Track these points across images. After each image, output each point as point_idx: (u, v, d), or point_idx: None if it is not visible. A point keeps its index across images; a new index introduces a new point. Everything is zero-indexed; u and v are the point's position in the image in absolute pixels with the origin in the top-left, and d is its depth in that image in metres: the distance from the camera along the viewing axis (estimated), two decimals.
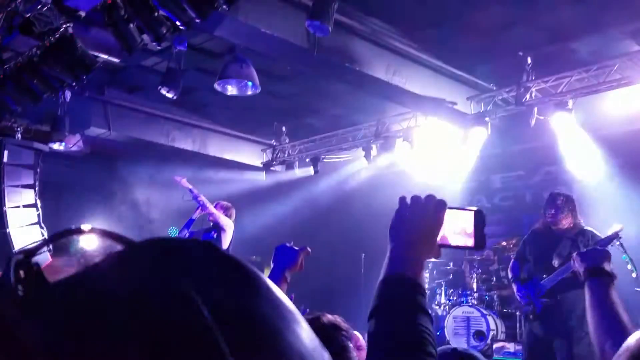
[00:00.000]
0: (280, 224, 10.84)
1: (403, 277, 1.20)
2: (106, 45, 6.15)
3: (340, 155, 10.55)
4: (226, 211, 7.41)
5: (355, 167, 10.66)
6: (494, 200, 9.32)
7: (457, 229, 1.36)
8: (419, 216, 1.31)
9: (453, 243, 1.36)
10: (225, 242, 7.32)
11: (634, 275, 5.20)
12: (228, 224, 7.32)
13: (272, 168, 11.23)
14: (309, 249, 2.23)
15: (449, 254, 8.12)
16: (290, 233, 10.81)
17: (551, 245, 5.31)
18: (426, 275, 8.40)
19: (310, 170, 10.48)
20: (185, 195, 8.11)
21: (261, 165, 11.29)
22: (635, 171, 7.40)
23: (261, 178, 11.36)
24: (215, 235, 7.33)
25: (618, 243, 5.20)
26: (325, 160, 10.55)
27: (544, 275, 5.26)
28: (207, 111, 10.15)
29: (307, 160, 10.54)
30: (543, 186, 8.76)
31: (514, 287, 5.56)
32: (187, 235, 7.64)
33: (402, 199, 1.36)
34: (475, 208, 1.38)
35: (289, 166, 10.96)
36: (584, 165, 7.91)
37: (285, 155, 10.96)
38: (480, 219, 1.36)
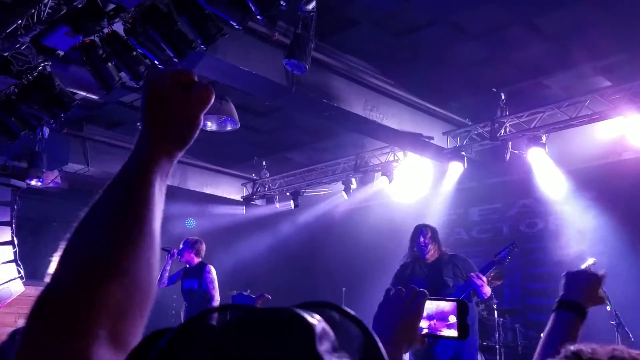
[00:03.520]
0: (261, 258, 10.80)
1: None
2: (84, 82, 6.18)
3: (320, 189, 10.60)
4: (193, 246, 7.00)
5: (335, 200, 10.71)
6: (472, 233, 9.39)
7: (441, 318, 1.42)
8: (398, 309, 1.37)
9: (438, 332, 1.42)
10: (216, 295, 6.85)
11: (608, 308, 5.27)
12: (215, 288, 6.91)
13: (252, 202, 11.23)
14: (267, 295, 2.20)
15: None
16: (271, 267, 10.79)
17: (433, 270, 5.47)
18: None
19: (290, 204, 10.51)
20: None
21: (241, 200, 11.29)
22: (608, 204, 7.53)
23: (241, 212, 11.35)
24: (196, 286, 6.86)
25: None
26: (305, 194, 10.59)
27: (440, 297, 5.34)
28: None
29: (288, 194, 10.57)
30: (519, 219, 8.87)
31: None
32: (166, 282, 7.28)
33: (387, 291, 1.43)
34: (457, 300, 1.45)
35: (269, 200, 10.97)
36: (560, 198, 8.04)
37: (266, 189, 10.98)
38: (462, 310, 1.43)
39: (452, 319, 1.43)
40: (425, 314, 1.39)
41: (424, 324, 1.39)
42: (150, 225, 0.77)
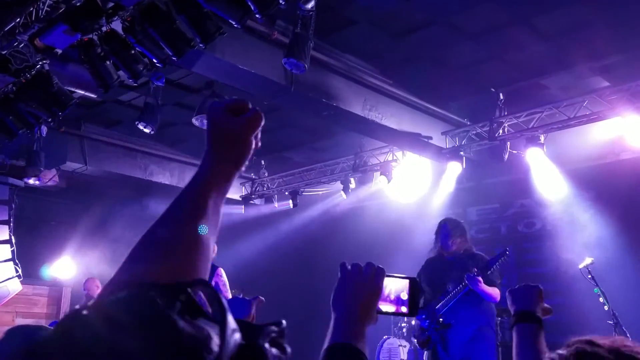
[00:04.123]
0: (259, 258, 10.80)
1: (346, 346, 1.27)
2: (83, 81, 6.17)
3: (319, 188, 10.60)
4: None
5: (333, 200, 10.70)
6: (470, 233, 9.37)
7: (393, 295, 1.42)
8: (359, 285, 1.37)
9: (389, 309, 1.43)
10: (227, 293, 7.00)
11: (606, 308, 5.27)
12: (228, 291, 7.01)
13: (251, 201, 11.22)
14: (262, 298, 2.21)
15: None
16: (270, 267, 10.78)
17: (443, 270, 5.43)
18: None
19: (289, 204, 10.51)
20: None
21: (240, 199, 11.27)
22: (606, 204, 7.54)
23: (240, 211, 11.33)
24: None
25: (590, 276, 5.29)
26: (304, 193, 10.59)
27: (438, 301, 5.33)
28: (185, 145, 10.16)
29: (286, 193, 10.56)
30: (517, 219, 8.88)
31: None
32: None
33: (343, 266, 1.42)
34: (410, 277, 1.45)
35: (268, 200, 10.97)
36: (558, 198, 8.05)
37: (264, 188, 10.97)
38: (414, 287, 1.44)
39: (404, 296, 1.43)
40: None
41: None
42: (204, 236, 0.91)
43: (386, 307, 1.43)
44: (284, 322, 0.71)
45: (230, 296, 6.93)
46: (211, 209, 0.93)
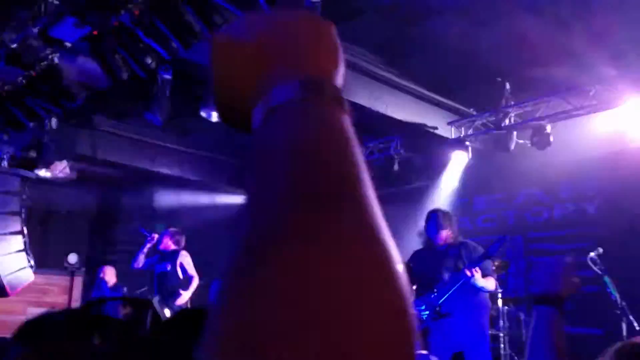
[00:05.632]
0: None
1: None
2: (92, 74, 6.22)
3: None
4: (173, 236, 7.38)
5: None
6: (477, 222, 9.41)
7: None
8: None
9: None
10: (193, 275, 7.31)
11: (613, 298, 5.28)
12: (194, 276, 7.30)
13: None
14: None
15: None
16: None
17: (437, 260, 5.34)
18: None
19: None
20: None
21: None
22: (614, 193, 7.54)
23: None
24: (169, 268, 7.30)
25: (598, 266, 5.31)
26: None
27: (435, 290, 5.25)
28: (192, 137, 10.20)
29: None
30: (525, 208, 8.88)
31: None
32: (143, 262, 7.72)
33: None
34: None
35: None
36: (565, 187, 8.04)
37: None
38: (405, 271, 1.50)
39: None
40: None
41: None
42: None
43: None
44: None
45: (195, 275, 7.22)
46: None
